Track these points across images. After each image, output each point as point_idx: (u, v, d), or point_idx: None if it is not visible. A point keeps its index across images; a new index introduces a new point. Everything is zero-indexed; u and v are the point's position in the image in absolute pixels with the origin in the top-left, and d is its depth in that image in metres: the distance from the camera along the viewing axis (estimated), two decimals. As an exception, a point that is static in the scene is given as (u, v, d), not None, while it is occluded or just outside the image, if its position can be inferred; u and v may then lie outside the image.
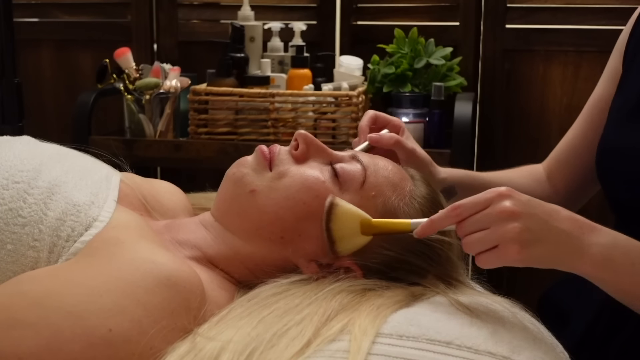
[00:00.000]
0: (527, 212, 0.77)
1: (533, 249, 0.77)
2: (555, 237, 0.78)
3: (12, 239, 0.79)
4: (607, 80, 1.13)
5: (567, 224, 0.79)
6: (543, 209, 0.79)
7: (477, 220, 0.78)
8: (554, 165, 1.20)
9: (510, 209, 0.76)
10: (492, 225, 0.77)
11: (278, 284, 0.83)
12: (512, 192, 0.78)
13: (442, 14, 2.09)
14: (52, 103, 2.36)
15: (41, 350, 0.69)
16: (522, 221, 0.76)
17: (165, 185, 1.08)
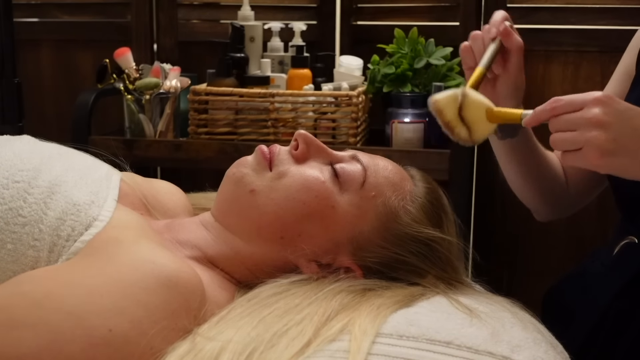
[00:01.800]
0: (617, 123, 0.77)
1: (615, 158, 0.78)
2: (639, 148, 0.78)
3: (12, 238, 0.79)
4: (619, 79, 1.13)
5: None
6: (637, 120, 0.79)
7: (568, 120, 0.80)
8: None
9: (599, 118, 0.77)
10: (580, 128, 0.79)
11: (278, 284, 0.84)
12: (609, 100, 0.79)
13: (442, 14, 2.09)
14: (52, 103, 2.36)
15: (41, 350, 0.69)
16: (610, 131, 0.77)
17: (165, 185, 1.08)
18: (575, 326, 1.04)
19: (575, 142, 0.80)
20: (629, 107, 0.79)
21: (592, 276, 1.07)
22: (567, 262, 1.89)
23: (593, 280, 1.05)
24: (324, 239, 0.88)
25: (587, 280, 0.82)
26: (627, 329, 0.98)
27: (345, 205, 0.89)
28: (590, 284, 1.03)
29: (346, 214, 0.88)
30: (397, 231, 0.89)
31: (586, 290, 1.04)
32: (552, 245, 1.96)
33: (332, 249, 0.88)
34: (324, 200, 0.88)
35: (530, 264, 2.00)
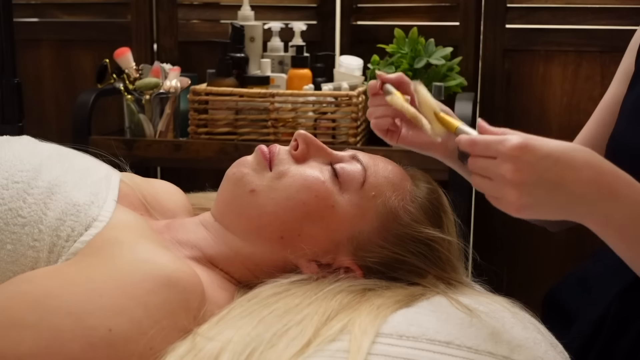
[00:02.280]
0: (531, 178, 0.73)
1: (533, 211, 0.75)
2: (561, 202, 0.74)
3: (11, 239, 0.79)
4: (621, 81, 1.12)
5: (584, 188, 0.74)
6: (555, 173, 0.73)
7: (483, 167, 0.77)
8: None
9: (512, 175, 0.73)
10: (495, 179, 0.75)
11: (278, 284, 0.83)
12: (523, 152, 0.73)
13: (442, 14, 2.09)
14: (52, 103, 2.36)
15: (41, 350, 0.69)
16: (524, 188, 0.73)
17: (165, 185, 1.08)
18: (575, 327, 1.04)
19: (492, 191, 0.76)
20: (545, 155, 0.74)
21: (594, 278, 1.07)
22: (568, 263, 1.89)
23: (594, 282, 1.05)
24: (324, 238, 0.88)
25: (589, 281, 0.82)
26: (628, 331, 0.98)
27: (345, 205, 0.89)
28: (592, 286, 1.03)
29: (346, 214, 0.88)
30: (397, 231, 0.89)
31: (587, 292, 1.04)
32: (552, 245, 1.96)
33: (332, 249, 0.88)
34: (324, 200, 0.88)
35: (530, 264, 2.00)
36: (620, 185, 0.75)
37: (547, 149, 0.74)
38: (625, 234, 0.76)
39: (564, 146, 0.75)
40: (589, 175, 0.74)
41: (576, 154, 0.75)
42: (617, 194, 0.75)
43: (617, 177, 0.76)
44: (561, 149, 0.75)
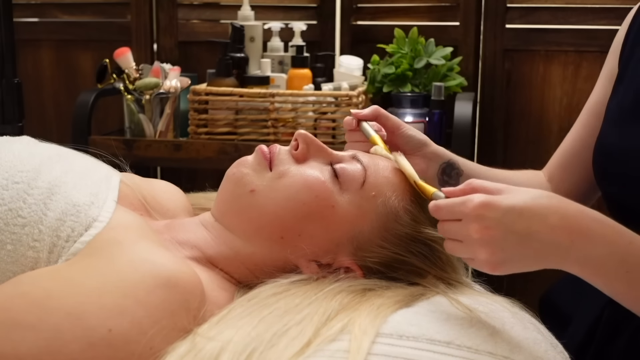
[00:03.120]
0: (499, 233, 0.73)
1: (508, 265, 0.75)
2: (535, 252, 0.74)
3: (11, 239, 0.79)
4: (605, 83, 1.12)
5: (553, 234, 0.74)
6: (523, 225, 0.73)
7: (451, 230, 0.77)
8: (554, 170, 1.19)
9: (480, 234, 0.73)
10: (464, 241, 0.75)
11: (278, 284, 0.83)
12: (486, 208, 0.73)
13: (442, 14, 2.09)
14: (52, 103, 2.36)
15: (41, 350, 0.69)
16: (494, 244, 0.73)
17: (165, 185, 1.08)
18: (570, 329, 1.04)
19: (464, 252, 0.76)
20: (509, 209, 0.73)
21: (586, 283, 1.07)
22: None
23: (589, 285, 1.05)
24: (324, 238, 0.88)
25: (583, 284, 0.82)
26: (621, 334, 0.97)
27: (345, 205, 0.88)
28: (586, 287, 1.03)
29: (346, 214, 0.88)
30: (397, 231, 0.89)
31: (582, 294, 1.04)
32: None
33: (332, 249, 0.88)
34: (324, 200, 0.88)
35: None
36: (589, 225, 0.75)
37: (510, 202, 0.74)
38: (608, 273, 0.76)
39: (527, 196, 0.75)
40: (556, 220, 0.74)
41: (539, 201, 0.75)
42: (588, 234, 0.75)
43: (585, 216, 0.76)
44: (524, 199, 0.74)
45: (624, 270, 0.75)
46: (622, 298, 0.78)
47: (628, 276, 0.75)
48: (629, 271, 0.75)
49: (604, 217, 0.77)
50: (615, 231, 0.76)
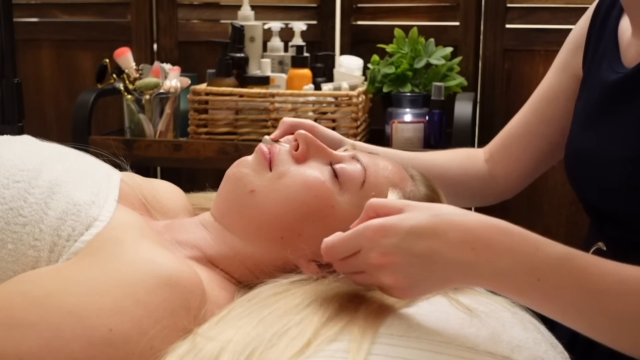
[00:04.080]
0: (399, 258, 0.71)
1: (416, 290, 0.73)
2: (439, 272, 0.72)
3: (12, 238, 0.79)
4: (557, 72, 1.13)
5: (455, 250, 0.70)
6: (423, 246, 0.70)
7: (352, 265, 0.75)
8: (496, 149, 1.19)
9: (380, 262, 0.71)
10: (367, 271, 0.74)
11: (278, 284, 0.83)
12: (382, 233, 0.71)
13: (442, 14, 2.09)
14: (52, 103, 2.36)
15: (41, 350, 0.69)
16: (397, 268, 0.71)
17: (165, 185, 1.08)
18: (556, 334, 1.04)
19: (373, 283, 0.74)
20: (407, 232, 0.71)
21: None
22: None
23: None
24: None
25: None
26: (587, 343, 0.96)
27: (345, 205, 0.89)
28: None
29: (346, 214, 0.88)
30: (397, 231, 0.89)
31: None
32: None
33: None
34: (324, 200, 0.88)
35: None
36: (491, 236, 0.71)
37: (407, 225, 0.71)
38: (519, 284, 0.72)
39: (425, 215, 0.72)
40: (457, 236, 0.71)
41: (439, 219, 0.72)
42: (492, 245, 0.71)
43: (486, 228, 0.72)
44: (421, 218, 0.72)
45: (535, 279, 0.71)
46: (546, 311, 0.74)
47: (541, 285, 0.71)
48: (540, 279, 0.71)
49: (507, 225, 0.73)
50: (520, 239, 0.72)
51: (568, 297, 0.71)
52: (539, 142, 1.15)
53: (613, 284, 0.71)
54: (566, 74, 1.11)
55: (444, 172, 1.13)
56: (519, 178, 1.19)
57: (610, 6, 1.03)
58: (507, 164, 1.17)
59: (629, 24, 0.97)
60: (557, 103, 1.12)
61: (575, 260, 0.71)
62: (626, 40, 0.97)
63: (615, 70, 0.95)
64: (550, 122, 1.13)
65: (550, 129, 1.14)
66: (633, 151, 0.88)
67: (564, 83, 1.11)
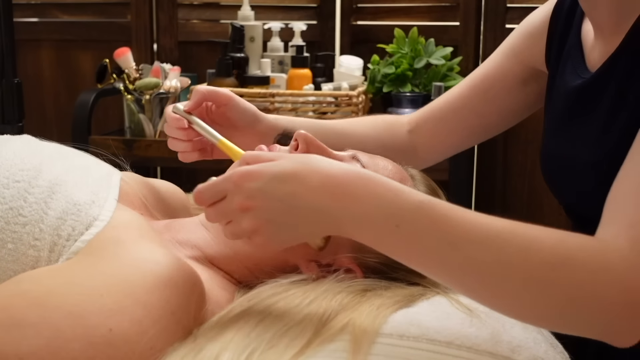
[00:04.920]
0: (262, 202, 0.70)
1: (279, 237, 0.72)
2: (300, 218, 0.71)
3: (12, 238, 0.79)
4: (507, 55, 1.12)
5: (315, 196, 0.70)
6: (285, 191, 0.70)
7: (218, 212, 0.74)
8: (424, 120, 1.17)
9: (243, 205, 0.71)
10: (233, 219, 0.73)
11: (278, 284, 0.83)
12: (246, 178, 0.71)
13: (442, 14, 2.09)
14: (52, 103, 2.36)
15: (42, 349, 0.69)
16: (259, 214, 0.71)
17: (165, 185, 1.08)
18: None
19: (238, 231, 0.73)
20: (271, 177, 0.71)
21: None
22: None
23: None
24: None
25: None
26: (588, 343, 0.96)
27: (345, 205, 0.88)
28: None
29: (346, 214, 0.88)
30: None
31: None
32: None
33: (332, 249, 0.88)
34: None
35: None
36: (353, 182, 0.71)
37: (272, 170, 0.71)
38: (378, 230, 0.71)
39: (292, 162, 0.72)
40: (318, 182, 0.71)
41: (300, 166, 0.72)
42: (352, 192, 0.71)
43: (349, 175, 0.71)
44: (287, 165, 0.72)
45: (393, 225, 0.70)
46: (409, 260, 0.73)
47: (399, 231, 0.70)
48: (399, 225, 0.70)
49: (371, 173, 0.73)
50: (381, 186, 0.71)
51: (427, 244, 0.70)
52: (473, 119, 1.14)
53: (473, 232, 0.69)
54: (516, 60, 1.10)
55: (362, 142, 1.10)
56: (441, 152, 1.18)
57: (572, 6, 1.01)
58: (434, 136, 1.16)
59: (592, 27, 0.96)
60: (502, 85, 1.12)
61: (435, 207, 0.70)
62: (589, 43, 0.96)
63: (580, 74, 0.95)
64: (491, 101, 1.12)
65: (489, 107, 1.13)
66: (601, 155, 0.88)
67: (512, 68, 1.11)
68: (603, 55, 0.90)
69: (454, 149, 1.20)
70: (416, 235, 0.70)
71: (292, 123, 1.04)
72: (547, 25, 1.06)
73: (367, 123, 1.17)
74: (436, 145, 1.17)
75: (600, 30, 0.92)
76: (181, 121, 0.94)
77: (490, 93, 1.12)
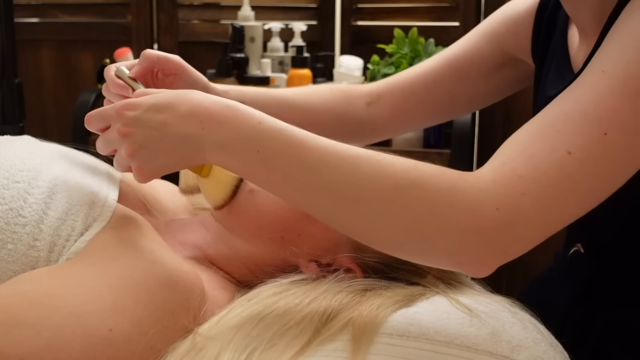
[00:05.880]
0: (137, 130, 0.76)
1: (152, 163, 0.77)
2: (170, 144, 0.75)
3: (12, 238, 0.79)
4: (485, 39, 1.10)
5: (185, 123, 0.75)
6: (159, 119, 0.75)
7: (104, 141, 0.80)
8: (388, 94, 1.14)
9: (121, 131, 0.76)
10: (117, 146, 0.79)
11: (278, 284, 0.84)
12: (126, 107, 0.77)
13: (442, 14, 2.09)
14: (52, 103, 2.36)
15: (42, 350, 0.69)
16: (133, 140, 0.76)
17: (165, 185, 1.08)
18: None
19: (122, 160, 0.79)
20: (149, 107, 0.76)
21: (549, 288, 1.05)
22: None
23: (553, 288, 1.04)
24: (323, 238, 0.88)
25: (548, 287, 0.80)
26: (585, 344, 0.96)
27: (345, 205, 0.88)
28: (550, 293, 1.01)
29: (346, 214, 0.88)
30: (397, 231, 0.89)
31: (547, 299, 1.02)
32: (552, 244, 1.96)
33: (332, 249, 0.88)
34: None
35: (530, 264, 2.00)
36: (219, 110, 0.75)
37: (150, 101, 0.76)
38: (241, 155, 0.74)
39: (170, 93, 0.77)
40: (186, 109, 0.75)
41: (176, 96, 0.76)
42: (218, 118, 0.74)
43: (217, 104, 0.75)
44: (165, 95, 0.77)
45: (254, 150, 0.73)
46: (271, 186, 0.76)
47: (260, 156, 0.73)
48: (260, 151, 0.73)
49: (239, 103, 0.76)
50: (247, 113, 0.75)
51: (286, 168, 0.73)
52: (443, 97, 1.12)
53: (329, 155, 0.73)
54: (496, 44, 1.09)
55: (315, 114, 1.10)
56: (400, 126, 1.16)
57: (555, 5, 1.00)
58: (397, 109, 1.14)
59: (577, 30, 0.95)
60: (478, 67, 1.10)
61: (294, 133, 0.74)
62: (575, 46, 0.96)
63: (565, 77, 0.94)
64: (464, 81, 1.11)
65: (461, 87, 1.11)
66: None
67: (491, 52, 1.09)
68: (586, 56, 0.90)
69: (413, 125, 1.18)
70: (276, 159, 0.73)
71: (242, 94, 1.03)
72: (533, 17, 1.04)
73: (322, 94, 1.15)
74: (397, 118, 1.14)
75: (583, 32, 0.92)
76: (125, 89, 0.91)
77: (464, 73, 1.10)
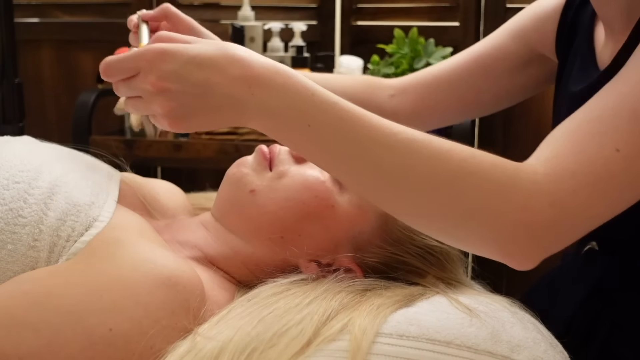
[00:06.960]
0: (176, 85, 0.69)
1: (189, 121, 0.71)
2: (214, 105, 0.70)
3: (12, 239, 0.79)
4: (512, 36, 1.10)
5: (232, 86, 0.70)
6: (201, 77, 0.69)
7: (129, 87, 0.72)
8: (413, 87, 1.15)
9: (156, 85, 0.69)
10: (144, 96, 0.71)
11: (278, 284, 0.84)
12: (162, 58, 0.69)
13: (442, 14, 2.09)
14: (52, 103, 2.36)
15: (42, 350, 0.69)
16: (172, 96, 0.70)
17: (165, 185, 1.08)
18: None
19: (146, 110, 0.72)
20: (188, 60, 0.69)
21: (559, 284, 1.05)
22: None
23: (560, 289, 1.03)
24: (323, 238, 0.88)
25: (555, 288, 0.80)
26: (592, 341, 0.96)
27: (345, 205, 0.89)
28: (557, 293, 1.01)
29: (346, 214, 0.88)
30: (396, 231, 0.89)
31: (553, 300, 1.02)
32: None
33: (332, 249, 0.89)
34: (323, 200, 0.88)
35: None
36: (271, 76, 0.70)
37: (190, 53, 0.70)
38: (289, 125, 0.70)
39: (211, 47, 0.71)
40: (236, 71, 0.70)
41: (220, 52, 0.70)
42: (269, 84, 0.70)
43: (268, 69, 0.71)
44: (206, 50, 0.71)
45: (305, 124, 0.70)
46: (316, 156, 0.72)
47: (311, 130, 0.70)
48: (311, 125, 0.70)
49: (290, 69, 0.72)
50: (299, 82, 0.71)
51: (337, 145, 0.70)
52: (468, 93, 1.12)
53: (383, 134, 0.70)
54: (523, 41, 1.09)
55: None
56: (422, 121, 1.14)
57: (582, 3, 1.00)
58: (421, 103, 1.14)
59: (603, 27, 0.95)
60: (504, 64, 1.10)
61: (348, 108, 0.71)
62: (601, 43, 0.95)
63: (590, 73, 0.94)
64: (490, 78, 1.11)
65: (487, 84, 1.12)
66: None
67: (517, 48, 1.10)
68: (613, 53, 0.89)
69: (436, 121, 1.17)
70: (326, 134, 0.70)
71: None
72: (559, 14, 1.04)
73: (343, 80, 1.15)
74: (420, 112, 1.14)
75: (610, 29, 0.91)
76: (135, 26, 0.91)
77: (490, 69, 1.11)
